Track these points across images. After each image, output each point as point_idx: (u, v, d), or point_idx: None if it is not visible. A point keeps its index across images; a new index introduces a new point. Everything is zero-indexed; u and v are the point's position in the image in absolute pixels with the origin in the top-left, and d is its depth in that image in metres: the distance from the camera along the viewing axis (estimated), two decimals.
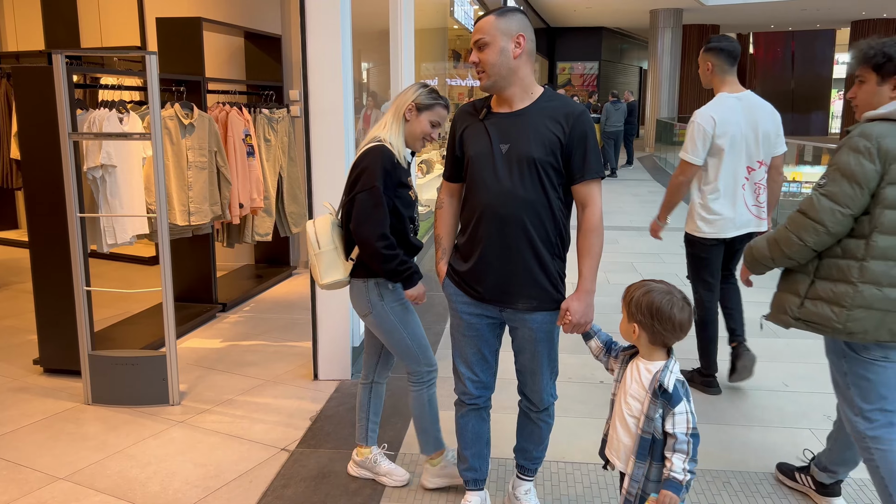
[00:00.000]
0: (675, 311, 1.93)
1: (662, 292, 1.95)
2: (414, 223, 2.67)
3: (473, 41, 2.21)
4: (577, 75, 25.63)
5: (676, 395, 1.92)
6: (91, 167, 3.84)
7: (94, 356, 3.59)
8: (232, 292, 5.54)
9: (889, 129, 2.21)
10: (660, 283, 2.01)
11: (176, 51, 4.99)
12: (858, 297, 2.25)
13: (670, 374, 1.95)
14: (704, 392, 3.80)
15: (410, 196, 2.62)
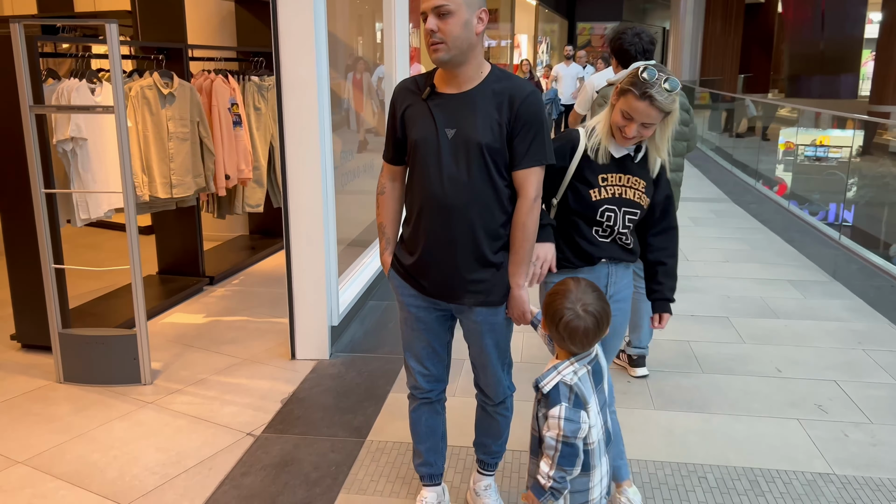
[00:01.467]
0: (571, 322, 1.81)
1: (568, 300, 1.83)
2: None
3: (431, 6, 1.99)
4: (597, 36, 24.99)
5: (553, 398, 1.83)
6: (61, 140, 3.73)
7: (64, 334, 3.53)
8: (221, 265, 5.45)
9: None
10: (577, 284, 1.88)
11: (158, 17, 4.83)
12: None
13: (555, 376, 1.86)
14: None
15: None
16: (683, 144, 3.49)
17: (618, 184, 2.27)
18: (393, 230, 2.31)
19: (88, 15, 6.51)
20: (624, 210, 2.28)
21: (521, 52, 19.92)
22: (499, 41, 16.98)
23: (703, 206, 7.96)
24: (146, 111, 4.39)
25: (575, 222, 2.31)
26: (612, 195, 2.27)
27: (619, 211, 2.27)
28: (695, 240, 6.45)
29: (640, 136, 2.19)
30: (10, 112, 3.49)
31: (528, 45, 20.41)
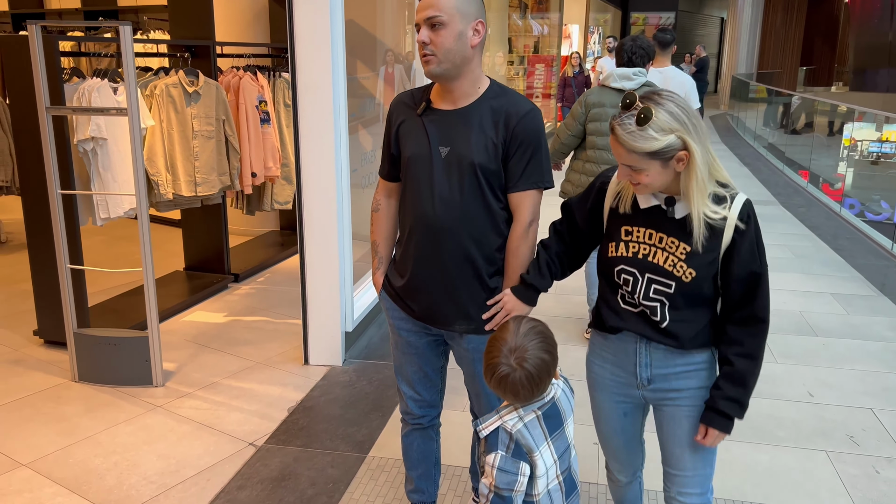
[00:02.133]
0: (506, 376, 1.65)
1: (503, 351, 1.67)
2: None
3: (424, 17, 1.90)
4: (651, 27, 24.36)
5: (490, 444, 1.70)
6: (81, 140, 3.74)
7: (79, 334, 3.55)
8: (247, 261, 5.46)
9: None
10: (516, 328, 1.71)
11: (187, 14, 4.82)
12: None
13: (495, 420, 1.72)
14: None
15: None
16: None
17: (645, 241, 1.77)
18: (386, 249, 2.22)
19: (129, 10, 6.58)
20: (648, 276, 1.76)
21: (572, 42, 19.56)
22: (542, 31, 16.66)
23: None
24: (171, 109, 4.38)
25: (601, 279, 1.92)
26: (634, 255, 1.78)
27: (642, 277, 1.77)
28: None
29: (641, 184, 1.70)
30: (32, 112, 3.52)
31: (579, 36, 20.02)
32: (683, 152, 1.63)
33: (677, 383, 1.83)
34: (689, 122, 1.62)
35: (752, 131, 13.97)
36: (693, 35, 24.29)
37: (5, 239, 6.17)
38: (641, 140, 1.61)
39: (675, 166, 1.65)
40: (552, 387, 1.77)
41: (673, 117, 1.61)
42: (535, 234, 2.02)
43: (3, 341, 4.10)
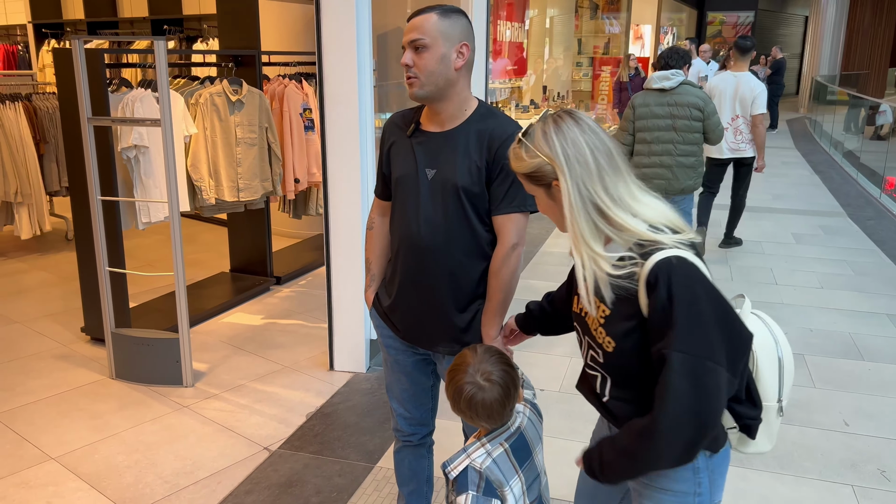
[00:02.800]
0: (475, 396, 1.63)
1: (468, 374, 1.65)
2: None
3: (408, 40, 1.92)
4: (729, 26, 23.60)
5: (461, 485, 1.67)
6: (124, 147, 3.92)
7: (116, 333, 3.72)
8: (290, 265, 5.59)
9: None
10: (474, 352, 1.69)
11: (235, 24, 4.97)
12: None
13: (464, 459, 1.68)
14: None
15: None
16: (697, 136, 4.55)
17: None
18: (379, 267, 2.24)
19: (193, 18, 6.82)
20: (587, 340, 1.56)
21: (644, 43, 19.17)
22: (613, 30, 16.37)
23: (810, 221, 7.33)
24: (215, 118, 4.53)
25: None
26: (580, 310, 1.58)
27: (583, 339, 1.58)
28: (791, 260, 5.94)
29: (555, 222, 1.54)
30: (78, 121, 3.70)
31: (651, 36, 19.59)
32: (556, 181, 1.44)
33: (653, 481, 1.53)
34: (565, 152, 1.40)
35: (829, 136, 13.35)
36: (774, 35, 23.39)
37: (71, 237, 6.51)
38: (515, 159, 1.50)
39: (559, 196, 1.45)
40: (517, 415, 1.76)
41: (546, 140, 1.43)
42: (517, 258, 2.00)
43: (53, 336, 4.33)
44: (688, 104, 4.47)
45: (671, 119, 4.49)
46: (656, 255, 1.37)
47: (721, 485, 1.55)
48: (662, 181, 4.54)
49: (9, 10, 10.27)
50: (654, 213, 1.44)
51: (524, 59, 11.08)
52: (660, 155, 4.53)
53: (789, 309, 4.82)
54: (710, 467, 1.50)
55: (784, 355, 1.53)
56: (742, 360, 1.41)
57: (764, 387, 1.51)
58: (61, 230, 6.62)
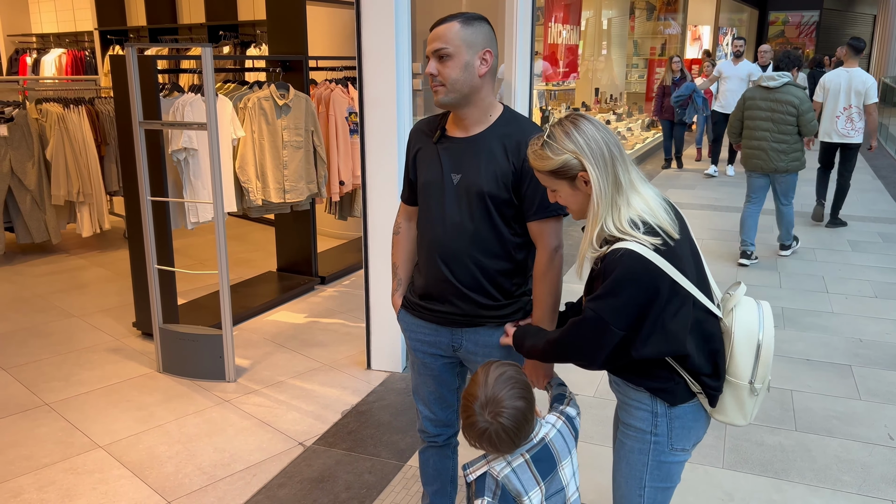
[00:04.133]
0: (484, 432, 1.66)
1: (476, 407, 1.66)
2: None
3: (432, 49, 1.96)
4: (792, 26, 22.92)
5: (478, 490, 1.69)
6: (175, 150, 4.07)
7: (163, 329, 3.87)
8: (335, 265, 5.70)
9: None
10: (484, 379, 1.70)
11: (283, 30, 5.10)
12: None
13: (482, 465, 1.70)
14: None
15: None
16: (791, 128, 5.50)
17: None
18: (406, 271, 2.29)
19: (248, 24, 7.01)
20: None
21: (702, 44, 18.80)
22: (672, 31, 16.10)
23: (868, 228, 7.08)
24: (262, 121, 4.67)
25: None
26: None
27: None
28: (845, 267, 5.76)
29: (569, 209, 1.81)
30: (130, 124, 3.87)
31: (710, 37, 19.19)
32: (584, 173, 1.68)
33: (623, 415, 1.87)
34: (589, 147, 1.66)
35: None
36: (840, 35, 22.55)
37: None
38: (540, 159, 1.72)
39: (584, 188, 1.71)
40: (542, 425, 1.77)
41: (570, 139, 1.67)
42: (560, 259, 2.02)
43: (107, 330, 4.53)
44: (786, 101, 5.47)
45: (770, 112, 5.53)
46: (625, 243, 1.64)
47: (686, 436, 1.80)
48: (759, 161, 5.63)
49: (77, 18, 10.74)
50: (644, 205, 1.70)
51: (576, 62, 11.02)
52: (758, 140, 5.58)
53: (838, 318, 4.68)
54: (668, 416, 1.78)
55: (764, 341, 1.72)
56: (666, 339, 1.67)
57: (737, 365, 1.74)
58: (120, 228, 6.89)
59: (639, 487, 1.85)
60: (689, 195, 8.63)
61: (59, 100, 5.83)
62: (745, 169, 5.78)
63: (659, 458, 1.81)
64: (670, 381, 1.74)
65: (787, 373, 3.90)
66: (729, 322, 1.75)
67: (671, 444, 1.80)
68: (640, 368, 1.75)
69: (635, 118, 13.14)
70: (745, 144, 5.71)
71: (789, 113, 5.46)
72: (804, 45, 21.06)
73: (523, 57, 5.45)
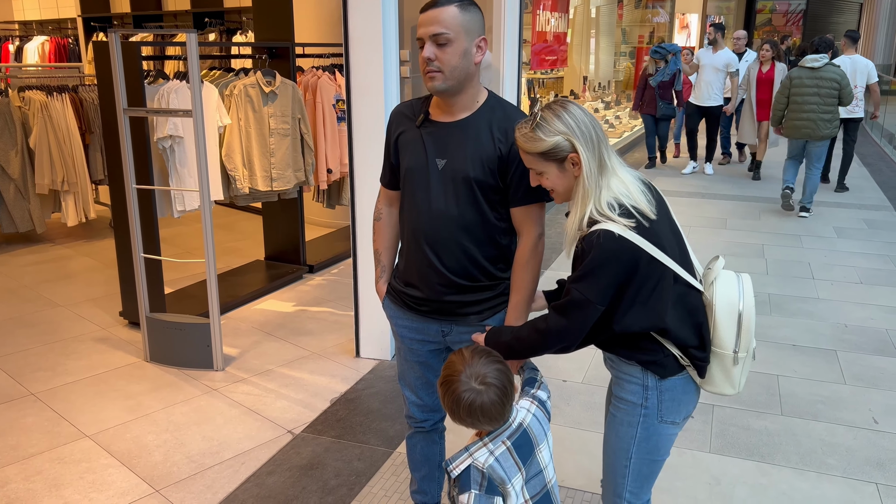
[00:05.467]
0: (474, 401, 1.65)
1: (462, 381, 1.66)
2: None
3: (429, 33, 1.93)
4: (779, 14, 22.98)
5: (463, 484, 1.68)
6: (160, 138, 4.03)
7: (150, 318, 3.84)
8: (324, 254, 5.68)
9: None
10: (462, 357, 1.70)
11: (270, 16, 5.06)
12: None
13: (466, 458, 1.71)
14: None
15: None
16: (833, 101, 6.68)
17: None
18: (389, 258, 2.28)
19: (233, 10, 6.95)
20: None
21: (690, 33, 18.82)
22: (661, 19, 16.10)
23: (854, 214, 7.13)
24: (249, 109, 4.63)
25: None
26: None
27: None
28: (831, 254, 5.80)
29: (552, 192, 1.84)
30: (115, 112, 3.83)
31: (697, 25, 19.20)
32: (574, 154, 1.73)
33: (616, 389, 1.94)
34: (579, 129, 1.72)
35: (881, 128, 12.92)
36: (827, 23, 22.64)
37: None
38: (531, 141, 1.76)
39: (572, 170, 1.76)
40: (518, 411, 1.78)
41: (561, 121, 1.73)
42: (543, 246, 2.03)
43: (94, 320, 4.50)
44: (829, 78, 6.63)
45: (816, 88, 6.67)
46: (603, 224, 1.70)
47: (676, 409, 1.86)
48: (808, 129, 6.74)
49: (60, 5, 10.61)
50: (622, 187, 1.76)
51: (565, 50, 10.97)
52: (808, 112, 6.71)
53: (824, 304, 4.72)
54: (659, 388, 1.83)
55: (745, 311, 1.78)
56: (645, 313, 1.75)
57: (720, 336, 1.80)
58: (106, 217, 6.84)
59: (625, 458, 1.91)
60: (676, 183, 8.64)
61: (42, 87, 5.76)
62: (792, 138, 6.92)
63: (648, 431, 1.87)
64: (660, 353, 1.80)
65: (773, 358, 3.93)
66: (710, 295, 1.81)
67: (661, 416, 1.85)
68: (631, 342, 1.81)
69: (623, 106, 13.14)
70: (793, 117, 6.78)
71: (832, 87, 6.61)
72: (791, 33, 21.09)
73: (511, 45, 5.44)
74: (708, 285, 1.83)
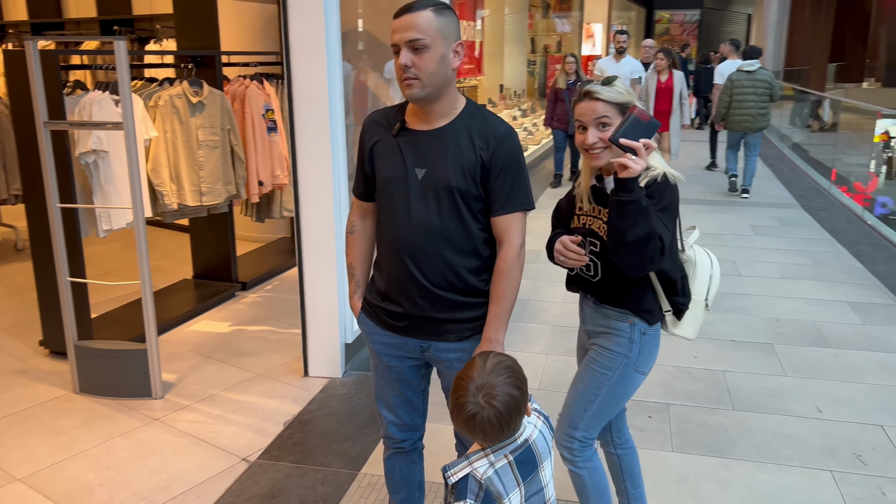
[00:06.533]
0: (474, 415, 1.60)
1: (470, 390, 1.61)
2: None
3: (405, 39, 1.84)
4: (675, 24, 24.07)
5: (459, 492, 1.65)
6: (83, 152, 3.77)
7: (79, 346, 3.57)
8: (255, 269, 5.47)
9: None
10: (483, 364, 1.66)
11: (194, 23, 4.84)
12: None
13: (465, 466, 1.66)
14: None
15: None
16: (766, 98, 7.90)
17: (587, 214, 2.18)
18: (363, 272, 2.19)
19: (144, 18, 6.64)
20: (589, 239, 2.16)
21: (595, 42, 19.39)
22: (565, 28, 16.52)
23: (766, 213, 7.50)
24: (175, 120, 4.40)
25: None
26: (582, 224, 2.20)
27: (585, 240, 2.16)
28: (752, 251, 6.06)
29: (601, 151, 2.00)
30: (32, 125, 3.54)
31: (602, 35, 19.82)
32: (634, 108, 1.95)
33: (597, 339, 2.16)
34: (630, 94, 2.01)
35: (777, 130, 13.71)
36: (719, 32, 23.87)
37: (21, 247, 6.26)
38: (614, 92, 1.97)
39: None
40: (525, 426, 1.72)
41: (624, 88, 2.01)
42: (524, 256, 1.98)
43: (10, 351, 4.15)
44: (763, 80, 7.87)
45: (753, 88, 7.85)
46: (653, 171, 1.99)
47: (648, 361, 2.15)
48: (748, 123, 7.91)
49: None
50: None
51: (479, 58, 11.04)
52: (747, 109, 7.87)
53: (754, 299, 4.91)
54: (641, 341, 2.11)
55: (714, 273, 2.22)
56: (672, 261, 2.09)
57: (696, 287, 2.17)
58: (10, 240, 6.36)
59: (594, 395, 2.14)
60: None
61: None
62: (733, 130, 8.11)
63: (623, 376, 2.12)
64: (655, 302, 2.11)
65: (716, 354, 4.04)
66: (692, 254, 2.19)
67: (637, 366, 2.13)
68: (637, 294, 2.09)
69: (539, 114, 13.39)
70: (734, 113, 7.93)
71: (766, 87, 7.86)
72: (688, 42, 22.11)
73: None
74: (688, 247, 2.20)
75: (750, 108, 7.86)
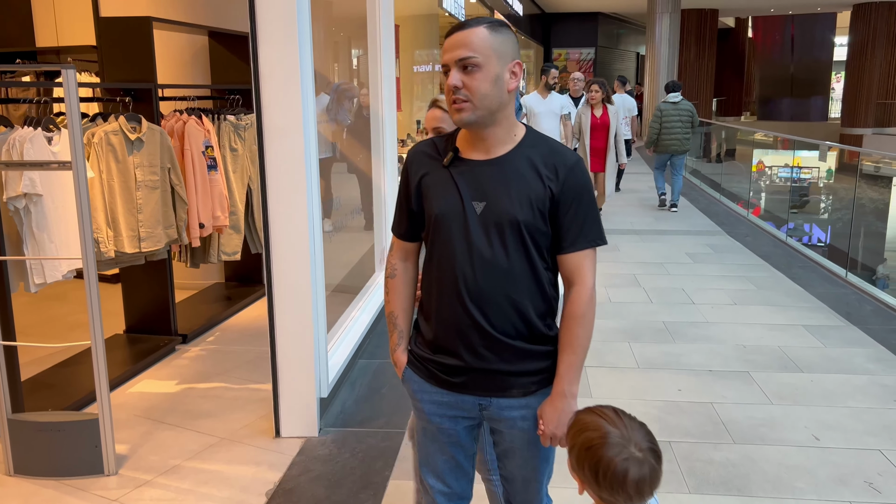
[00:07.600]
0: (629, 471, 1.45)
1: (611, 442, 1.46)
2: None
3: (456, 57, 1.66)
4: (572, 62, 25.00)
5: None
6: (11, 197, 3.30)
7: (14, 421, 3.07)
8: (195, 320, 5.01)
9: None
10: (616, 415, 1.52)
11: (124, 53, 4.43)
12: None
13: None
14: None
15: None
16: (688, 125, 9.24)
17: None
18: (406, 321, 1.94)
19: (49, 51, 6.11)
20: None
21: None
22: None
23: (698, 240, 7.69)
24: (111, 159, 3.98)
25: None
26: None
27: None
28: (697, 279, 6.15)
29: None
30: None
31: None
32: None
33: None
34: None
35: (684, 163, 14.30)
36: (611, 69, 25.03)
37: None
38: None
39: None
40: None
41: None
42: (595, 297, 1.79)
43: None
44: (686, 109, 9.19)
45: (678, 116, 9.15)
46: None
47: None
48: (675, 146, 9.19)
49: None
50: None
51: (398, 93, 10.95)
52: (675, 134, 9.16)
53: (716, 327, 4.93)
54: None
55: None
56: None
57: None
58: None
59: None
60: None
61: None
62: (663, 153, 9.34)
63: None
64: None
65: (698, 386, 3.98)
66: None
67: None
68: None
69: None
70: (664, 139, 9.19)
71: (688, 115, 9.19)
72: None
73: (389, 84, 5.24)
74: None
75: (677, 133, 9.16)
